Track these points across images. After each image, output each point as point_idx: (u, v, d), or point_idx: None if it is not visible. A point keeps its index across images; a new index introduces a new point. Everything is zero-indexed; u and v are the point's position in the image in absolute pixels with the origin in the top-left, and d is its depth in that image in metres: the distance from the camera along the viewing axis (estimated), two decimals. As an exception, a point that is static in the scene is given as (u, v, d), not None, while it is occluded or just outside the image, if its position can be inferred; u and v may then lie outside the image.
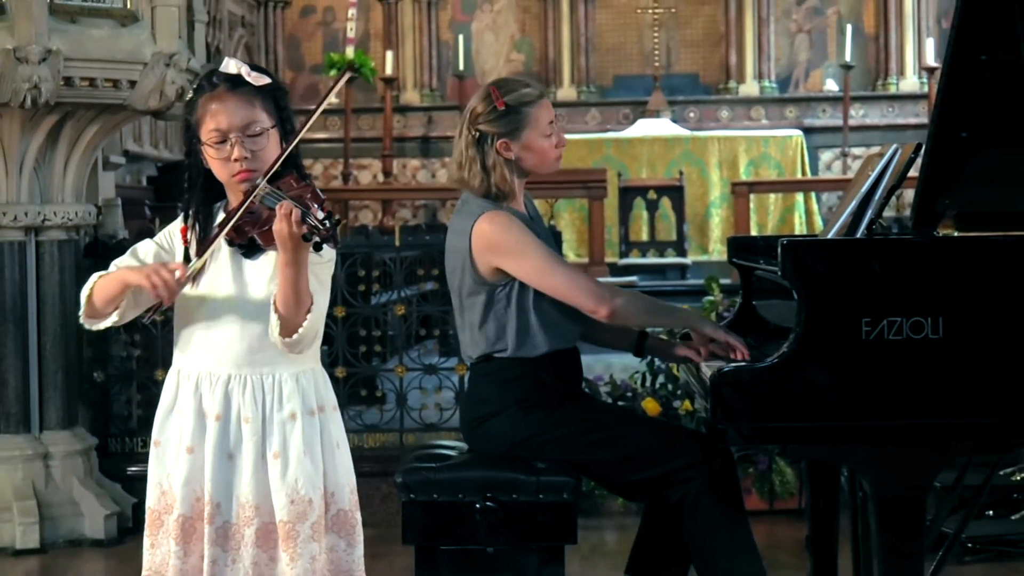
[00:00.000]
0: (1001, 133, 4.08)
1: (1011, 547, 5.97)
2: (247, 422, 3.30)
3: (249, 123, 3.30)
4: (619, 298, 4.29)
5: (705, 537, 4.32)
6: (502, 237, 4.28)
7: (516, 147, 4.35)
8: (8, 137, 6.43)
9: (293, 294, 3.20)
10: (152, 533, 3.35)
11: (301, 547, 3.26)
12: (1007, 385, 3.78)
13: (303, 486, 3.27)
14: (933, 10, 14.16)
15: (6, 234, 6.55)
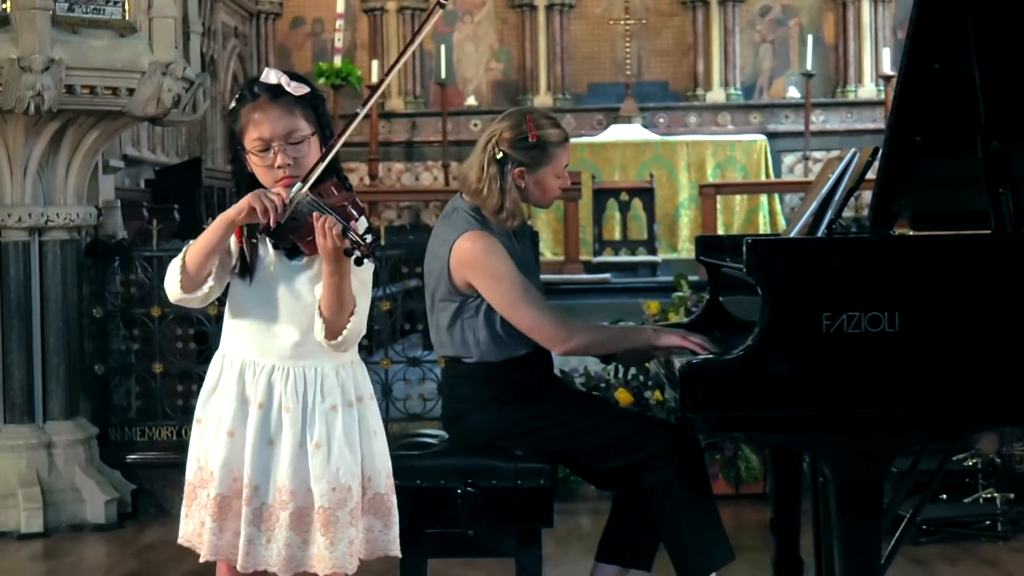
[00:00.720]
0: (953, 137, 4.09)
1: (963, 529, 5.99)
2: (287, 411, 3.30)
3: (290, 131, 3.30)
4: (576, 338, 4.29)
5: (675, 521, 4.33)
6: (480, 260, 4.25)
7: (530, 179, 4.34)
8: (13, 142, 6.43)
9: (337, 300, 3.22)
10: (188, 504, 3.35)
11: (340, 532, 3.27)
12: (959, 376, 3.78)
13: (343, 475, 3.28)
14: (889, 21, 14.20)
15: (11, 234, 6.55)
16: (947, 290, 3.80)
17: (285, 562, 3.26)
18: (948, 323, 3.77)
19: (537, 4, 14.43)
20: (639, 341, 4.50)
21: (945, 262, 3.84)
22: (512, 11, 14.58)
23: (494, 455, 4.27)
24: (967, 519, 6.03)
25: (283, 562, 3.26)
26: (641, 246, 11.59)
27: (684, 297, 6.93)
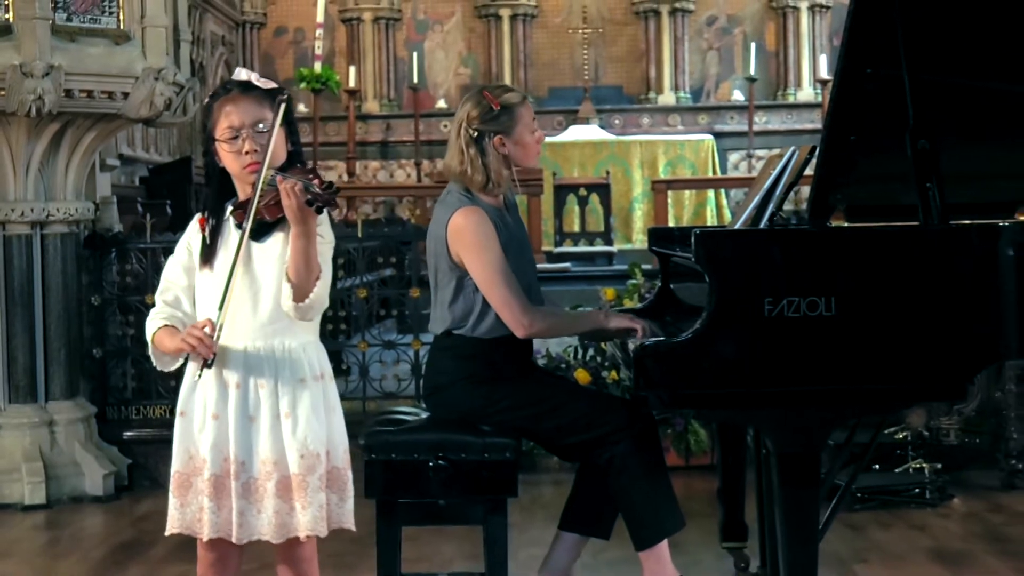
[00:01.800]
0: (884, 137, 4.10)
1: (895, 496, 6.02)
2: (263, 387, 3.29)
3: (258, 121, 3.30)
4: (537, 324, 4.29)
5: (631, 491, 4.33)
6: (469, 233, 4.27)
7: (509, 143, 4.36)
8: (15, 143, 6.42)
9: (304, 262, 3.21)
10: (180, 495, 3.32)
11: (311, 496, 3.26)
12: (890, 356, 3.80)
13: (311, 442, 3.28)
14: (826, 30, 14.24)
15: (14, 228, 6.54)
16: (879, 277, 3.81)
17: (276, 529, 3.26)
18: (879, 307, 3.79)
19: (502, 14, 14.43)
20: (592, 324, 4.52)
21: (877, 252, 3.85)
22: (479, 21, 14.57)
23: (463, 430, 4.27)
24: (898, 487, 6.06)
25: (274, 529, 3.26)
26: (598, 237, 11.60)
27: (638, 284, 6.94)
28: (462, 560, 5.07)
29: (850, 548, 5.28)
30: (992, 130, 4.47)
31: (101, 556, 5.47)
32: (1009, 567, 4.98)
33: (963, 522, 5.72)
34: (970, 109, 4.37)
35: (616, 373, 6.62)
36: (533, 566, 4.66)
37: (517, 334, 4.30)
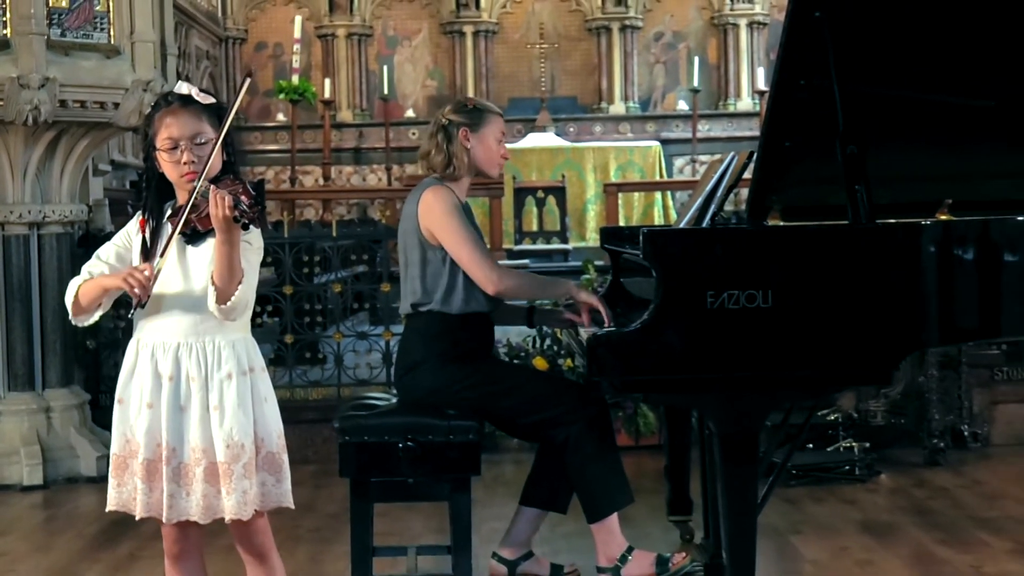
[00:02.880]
0: (816, 143, 4.11)
1: (827, 473, 6.04)
2: (193, 381, 3.26)
3: (196, 133, 3.27)
4: (506, 280, 4.33)
5: (584, 469, 4.34)
6: (438, 206, 4.35)
7: (474, 139, 4.45)
8: (13, 149, 6.40)
9: (227, 268, 3.17)
10: (117, 475, 3.31)
11: (235, 483, 3.24)
12: (822, 344, 3.81)
13: (236, 433, 3.25)
14: (763, 45, 14.28)
15: (13, 229, 6.52)
16: (812, 272, 3.82)
17: (203, 511, 3.25)
18: (812, 300, 3.80)
19: (465, 31, 14.42)
20: (560, 292, 4.53)
21: (810, 248, 3.87)
22: (444, 37, 14.56)
23: (430, 414, 4.27)
24: (830, 465, 6.08)
25: (201, 511, 3.25)
26: (555, 236, 11.60)
27: (591, 279, 6.95)
28: (430, 534, 5.07)
29: (786, 520, 5.30)
30: (915, 136, 4.49)
31: (95, 532, 5.45)
32: (931, 538, 5.02)
33: (889, 496, 5.76)
34: (895, 117, 4.39)
35: (571, 361, 6.62)
36: (495, 539, 4.67)
37: (487, 290, 4.31)
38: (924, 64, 4.38)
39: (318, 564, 4.80)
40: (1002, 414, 6.79)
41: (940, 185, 4.57)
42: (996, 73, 4.46)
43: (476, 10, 14.42)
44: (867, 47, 4.20)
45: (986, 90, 4.47)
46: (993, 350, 6.80)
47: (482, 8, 14.43)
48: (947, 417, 6.54)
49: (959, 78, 4.44)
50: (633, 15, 14.38)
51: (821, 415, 6.23)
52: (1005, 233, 4.05)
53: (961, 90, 4.44)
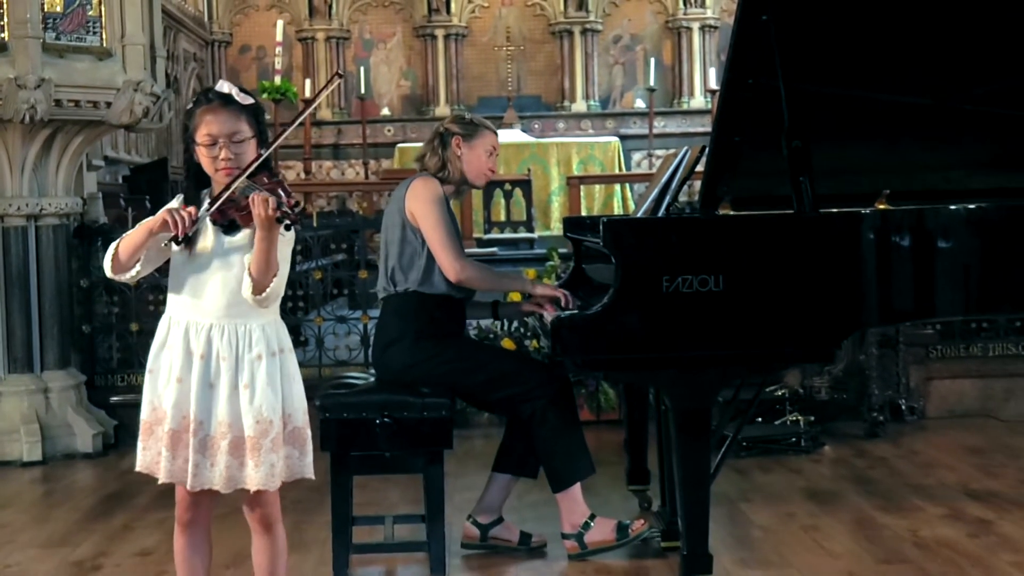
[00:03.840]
0: (764, 138, 4.13)
1: (774, 445, 6.06)
2: (224, 360, 3.24)
3: (235, 132, 3.24)
4: (469, 270, 4.36)
5: (549, 442, 4.34)
6: (424, 194, 4.40)
7: (466, 148, 4.51)
8: (12, 146, 6.36)
9: (265, 262, 3.17)
10: (144, 439, 3.29)
11: (263, 456, 3.23)
12: (769, 325, 3.83)
13: (265, 410, 3.23)
14: (714, 47, 14.31)
15: (12, 221, 6.48)
16: (760, 257, 3.83)
17: (225, 481, 3.24)
18: (760, 284, 3.81)
19: (437, 34, 14.39)
20: (519, 286, 4.57)
21: (758, 236, 3.88)
22: (417, 40, 14.52)
23: (405, 392, 4.27)
24: (777, 437, 6.10)
25: (224, 481, 3.24)
26: (521, 226, 11.58)
27: (555, 265, 6.95)
28: (405, 504, 5.07)
29: (737, 489, 5.32)
30: (856, 131, 4.51)
31: (91, 505, 5.42)
32: (871, 504, 5.04)
33: (833, 466, 5.78)
34: (837, 114, 4.41)
35: (537, 342, 6.62)
36: (467, 508, 4.67)
37: (449, 276, 4.33)
38: (865, 65, 4.40)
39: (301, 533, 4.79)
40: (936, 389, 6.83)
41: (879, 177, 4.59)
42: (932, 74, 4.49)
43: (447, 15, 14.41)
44: (811, 49, 4.22)
45: (923, 89, 4.50)
46: (928, 330, 6.84)
47: (452, 13, 14.42)
48: (886, 392, 6.57)
49: (897, 78, 4.46)
50: (593, 19, 14.39)
51: (769, 391, 6.24)
52: (938, 221, 4.08)
53: (899, 89, 4.46)
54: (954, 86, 4.52)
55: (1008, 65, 4.52)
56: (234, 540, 4.28)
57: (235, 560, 4.34)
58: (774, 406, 6.30)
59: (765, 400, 6.20)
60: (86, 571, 4.45)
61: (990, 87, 4.57)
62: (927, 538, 4.53)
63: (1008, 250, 4.15)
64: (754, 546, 4.51)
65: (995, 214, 4.18)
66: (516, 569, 4.34)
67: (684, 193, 5.70)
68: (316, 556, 4.48)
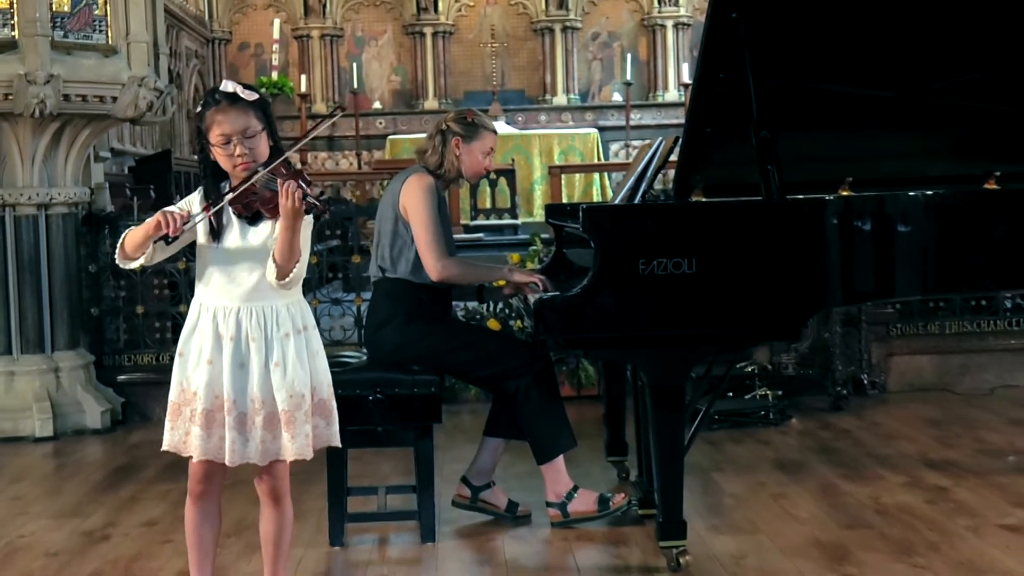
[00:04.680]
0: (733, 129, 4.13)
1: (744, 418, 6.08)
2: (253, 341, 3.24)
3: (246, 128, 3.23)
4: (450, 268, 4.36)
5: (533, 416, 4.35)
6: (417, 191, 4.38)
7: (464, 148, 4.49)
8: (23, 139, 6.33)
9: (289, 250, 3.18)
10: (172, 420, 3.28)
11: (298, 428, 3.24)
12: (739, 305, 3.83)
13: (297, 384, 3.24)
14: (687, 43, 14.28)
15: (23, 210, 6.46)
16: (730, 242, 3.84)
17: (262, 455, 3.24)
18: (731, 266, 3.82)
19: (425, 32, 14.35)
20: (498, 276, 4.57)
21: (728, 221, 3.88)
22: (407, 37, 14.48)
23: (397, 370, 4.27)
24: (747, 411, 6.12)
25: (260, 455, 3.24)
26: (506, 212, 11.55)
27: (538, 250, 6.95)
28: (397, 476, 5.07)
29: (709, 460, 5.33)
30: (820, 122, 4.52)
31: (100, 478, 5.41)
32: (835, 473, 5.06)
33: (799, 438, 5.80)
34: (803, 106, 4.41)
35: (521, 322, 6.62)
36: (455, 479, 4.67)
37: (431, 276, 4.34)
38: (829, 59, 4.40)
39: (300, 503, 4.78)
40: (896, 365, 6.85)
41: (842, 165, 4.59)
42: (892, 68, 4.49)
43: (435, 13, 14.37)
44: (778, 44, 4.22)
45: (884, 83, 4.50)
46: (888, 309, 6.86)
47: (440, 12, 14.38)
48: (849, 368, 6.59)
49: (860, 72, 4.46)
50: (573, 17, 14.37)
51: (739, 367, 6.26)
52: (898, 207, 4.08)
53: (862, 82, 4.47)
54: (913, 80, 4.52)
55: (963, 61, 4.53)
56: (237, 510, 4.29)
57: (236, 529, 4.34)
58: (744, 382, 6.31)
59: (735, 376, 6.21)
60: (96, 540, 4.44)
61: (946, 81, 4.58)
62: (888, 504, 4.55)
63: (963, 233, 4.16)
64: (726, 513, 4.52)
65: (951, 200, 4.18)
66: (502, 536, 4.35)
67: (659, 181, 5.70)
68: (313, 524, 4.49)
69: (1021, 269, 4.27)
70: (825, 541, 4.13)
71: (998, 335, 6.92)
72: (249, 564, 4.02)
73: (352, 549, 4.24)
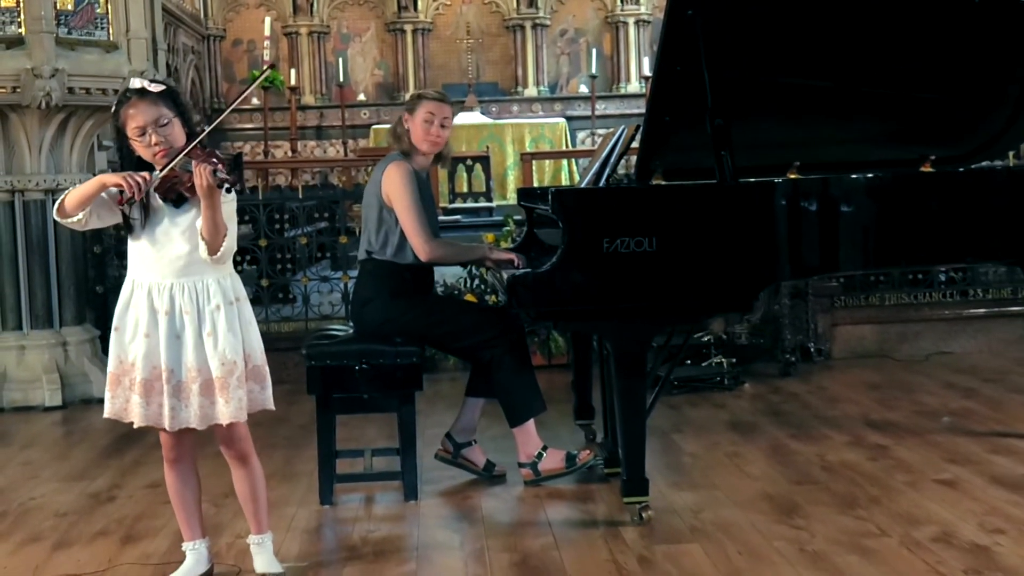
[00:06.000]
0: (690, 118, 4.12)
1: (701, 383, 6.10)
2: (187, 314, 3.23)
3: (158, 118, 3.21)
4: (436, 250, 4.35)
5: (507, 384, 4.35)
6: (397, 179, 4.35)
7: (409, 121, 4.48)
8: (30, 129, 6.28)
9: (213, 226, 3.17)
10: (112, 389, 3.28)
11: (232, 393, 3.23)
12: (696, 280, 3.83)
13: (229, 352, 3.23)
14: (648, 38, 14.25)
15: (31, 195, 6.40)
16: (687, 222, 3.84)
17: (200, 419, 3.24)
18: (688, 244, 3.82)
19: (406, 29, 14.27)
20: (479, 255, 4.55)
21: (686, 203, 3.88)
22: (389, 34, 14.40)
23: (381, 341, 4.26)
24: (703, 377, 6.14)
25: (199, 419, 3.24)
26: (481, 196, 11.53)
27: (511, 230, 6.93)
28: (382, 439, 5.06)
29: (669, 422, 5.35)
30: (770, 111, 4.52)
31: (106, 444, 5.38)
32: (784, 433, 5.08)
33: (751, 401, 5.82)
34: (753, 96, 4.41)
35: (495, 296, 6.61)
36: (436, 442, 4.67)
37: (420, 256, 4.33)
38: (778, 53, 4.40)
39: (291, 465, 4.78)
40: (840, 334, 6.88)
41: (790, 150, 4.61)
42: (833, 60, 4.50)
43: (414, 12, 14.31)
44: (731, 40, 4.21)
45: (826, 74, 4.51)
46: (833, 283, 6.88)
47: (419, 10, 14.32)
48: (797, 337, 6.62)
49: (805, 65, 4.46)
50: (542, 15, 14.32)
51: (696, 337, 6.27)
52: (841, 189, 4.10)
53: (806, 74, 4.47)
54: (854, 72, 4.53)
55: (898, 54, 4.54)
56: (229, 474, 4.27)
57: (230, 490, 4.31)
58: (701, 350, 6.33)
59: (693, 345, 6.23)
60: (102, 502, 4.42)
61: (884, 73, 4.59)
62: (833, 462, 4.58)
63: (901, 213, 4.17)
64: (684, 471, 4.54)
65: (889, 182, 4.20)
66: (479, 493, 4.35)
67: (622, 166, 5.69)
68: (305, 485, 4.47)
69: (953, 245, 4.30)
70: (775, 495, 4.15)
71: (933, 306, 6.96)
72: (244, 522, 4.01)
73: (341, 507, 4.24)
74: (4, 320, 6.44)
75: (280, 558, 3.54)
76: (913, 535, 3.65)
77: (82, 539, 3.97)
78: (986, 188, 4.39)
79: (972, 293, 7.00)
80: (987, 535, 3.62)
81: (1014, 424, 5.04)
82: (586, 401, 5.10)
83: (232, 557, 3.70)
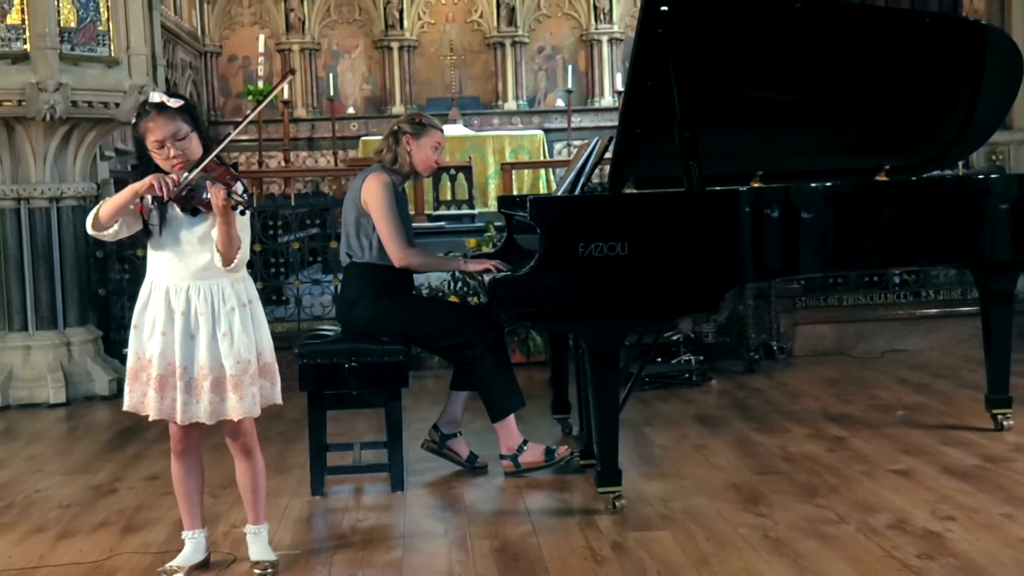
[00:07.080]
0: (660, 130, 4.13)
1: (671, 380, 6.10)
2: (202, 315, 3.22)
3: (176, 132, 3.19)
4: (411, 257, 4.34)
5: (487, 381, 4.34)
6: (375, 189, 4.33)
7: (414, 144, 4.43)
8: (35, 140, 6.24)
9: (227, 240, 3.16)
10: (131, 384, 3.28)
11: (245, 389, 3.23)
12: (665, 282, 3.84)
13: (243, 352, 3.23)
14: (620, 55, 14.28)
15: (36, 203, 6.37)
16: (657, 228, 3.84)
17: (210, 415, 3.23)
18: (658, 249, 3.82)
19: (392, 46, 14.26)
20: (453, 266, 4.56)
21: (656, 210, 3.88)
22: (376, 51, 14.38)
23: (369, 341, 4.25)
24: (673, 373, 6.14)
25: (208, 415, 3.23)
26: (464, 203, 11.52)
27: (492, 236, 6.93)
28: (371, 433, 5.05)
29: (641, 416, 5.35)
30: (735, 123, 4.53)
31: (108, 439, 5.35)
32: (749, 426, 5.09)
33: (718, 397, 5.83)
34: (720, 109, 4.42)
35: (478, 298, 6.60)
36: (422, 435, 4.66)
37: (395, 263, 4.32)
38: (742, 68, 4.41)
39: (284, 458, 4.77)
40: (801, 333, 6.91)
41: (754, 160, 4.62)
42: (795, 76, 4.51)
43: (400, 30, 14.30)
44: (698, 56, 4.22)
45: (788, 88, 4.52)
46: (794, 285, 6.91)
47: (405, 28, 14.31)
48: (761, 336, 6.64)
49: (768, 79, 4.48)
50: (521, 34, 14.34)
51: (666, 336, 6.28)
52: (802, 196, 4.11)
53: (770, 88, 4.49)
54: (814, 86, 4.55)
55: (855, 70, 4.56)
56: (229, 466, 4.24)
57: (231, 482, 4.29)
58: (670, 348, 6.34)
59: (663, 343, 6.23)
60: (104, 493, 4.39)
61: (842, 87, 4.61)
62: (794, 453, 4.59)
63: (858, 219, 4.19)
64: (655, 462, 4.54)
65: (847, 190, 4.21)
66: (463, 484, 4.34)
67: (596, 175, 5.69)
68: (297, 477, 4.46)
69: (907, 249, 4.32)
70: (740, 485, 4.15)
71: (888, 306, 6.99)
72: (240, 513, 3.99)
73: (331, 498, 4.22)
74: (10, 321, 6.40)
75: (273, 546, 3.53)
76: (869, 522, 3.66)
77: (84, 529, 3.94)
78: (937, 196, 4.42)
79: (925, 294, 7.04)
80: (939, 522, 3.63)
81: (964, 417, 5.06)
82: (563, 397, 5.10)
83: (228, 545, 3.68)
